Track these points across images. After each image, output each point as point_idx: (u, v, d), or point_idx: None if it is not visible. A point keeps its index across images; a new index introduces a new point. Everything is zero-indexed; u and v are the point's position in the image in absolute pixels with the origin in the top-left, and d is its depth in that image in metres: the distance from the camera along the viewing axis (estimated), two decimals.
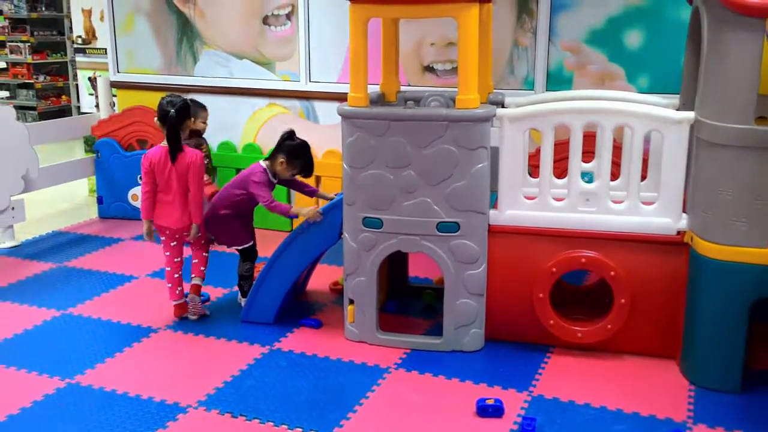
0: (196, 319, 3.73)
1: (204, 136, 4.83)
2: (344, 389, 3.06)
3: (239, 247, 3.81)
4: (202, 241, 3.79)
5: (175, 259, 3.70)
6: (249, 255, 3.83)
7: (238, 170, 5.36)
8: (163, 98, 3.60)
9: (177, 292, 3.72)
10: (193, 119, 4.00)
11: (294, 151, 3.65)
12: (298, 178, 3.80)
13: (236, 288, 3.97)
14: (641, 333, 3.26)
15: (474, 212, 3.24)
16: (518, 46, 4.55)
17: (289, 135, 3.70)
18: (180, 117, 3.55)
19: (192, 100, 4.09)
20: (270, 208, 3.59)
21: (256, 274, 3.79)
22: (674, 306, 3.17)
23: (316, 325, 3.65)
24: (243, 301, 3.81)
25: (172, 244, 3.68)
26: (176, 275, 3.71)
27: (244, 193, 3.66)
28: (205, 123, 4.70)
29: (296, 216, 3.61)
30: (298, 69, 5.12)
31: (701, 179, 3.01)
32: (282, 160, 3.63)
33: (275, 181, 3.72)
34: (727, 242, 2.92)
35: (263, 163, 3.69)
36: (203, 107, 4.69)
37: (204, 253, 3.81)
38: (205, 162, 4.10)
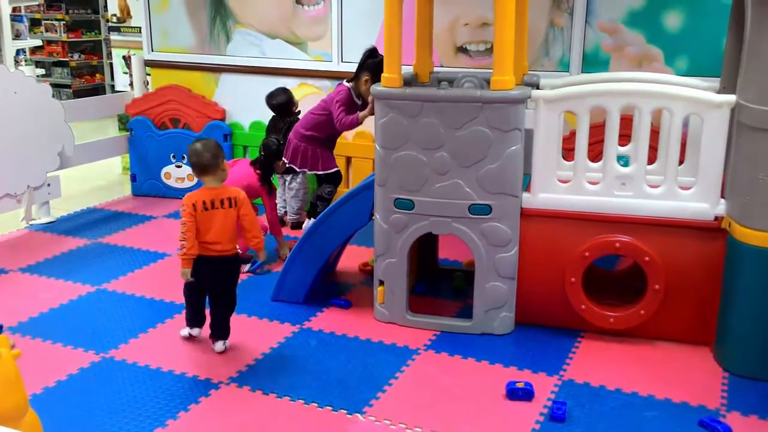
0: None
1: (236, 116, 4.92)
2: (373, 369, 3.08)
3: (323, 172, 3.87)
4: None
5: None
6: (333, 179, 3.90)
7: None
8: (269, 142, 3.93)
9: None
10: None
11: (379, 68, 3.43)
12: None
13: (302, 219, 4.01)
14: (675, 319, 3.22)
15: (507, 195, 3.21)
16: (554, 26, 4.48)
17: (371, 52, 3.60)
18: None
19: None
20: (340, 124, 3.62)
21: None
22: (709, 292, 3.12)
23: (345, 305, 3.66)
24: (308, 224, 3.89)
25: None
26: None
27: (325, 113, 3.69)
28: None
29: (361, 122, 3.83)
30: (330, 49, 5.10)
31: (741, 164, 2.95)
32: (366, 78, 3.55)
33: (360, 102, 3.70)
34: (766, 228, 2.86)
35: (347, 84, 3.66)
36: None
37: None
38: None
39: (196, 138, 3.43)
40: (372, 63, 3.58)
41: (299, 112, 4.56)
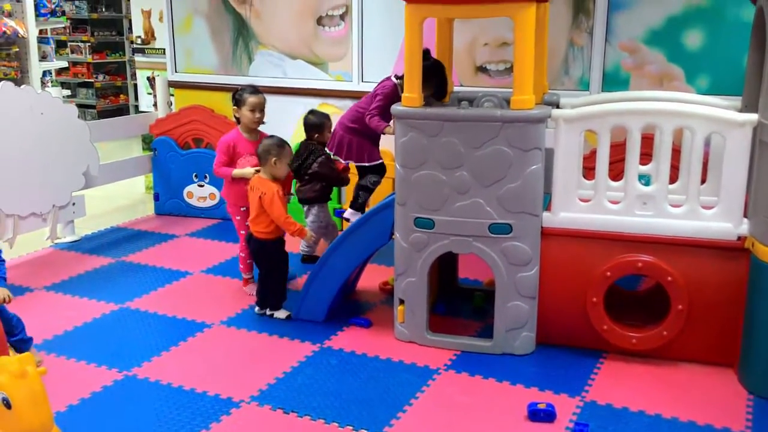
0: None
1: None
2: (394, 389, 3.07)
3: (368, 164, 3.89)
4: None
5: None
6: (378, 169, 4.01)
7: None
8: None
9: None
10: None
11: (429, 71, 3.43)
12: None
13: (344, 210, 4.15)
14: (698, 340, 3.18)
15: (527, 214, 3.21)
16: (574, 45, 4.49)
17: (423, 55, 3.55)
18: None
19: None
20: (368, 119, 3.72)
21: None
22: (733, 313, 3.09)
23: (365, 324, 3.66)
24: (353, 217, 3.97)
25: (246, 224, 3.87)
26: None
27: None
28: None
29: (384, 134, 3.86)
30: (350, 69, 5.15)
31: (764, 183, 2.92)
32: None
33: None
34: None
35: (395, 79, 3.66)
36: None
37: None
38: None
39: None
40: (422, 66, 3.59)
41: (322, 144, 4.48)
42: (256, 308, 3.82)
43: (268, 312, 3.78)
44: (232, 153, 3.98)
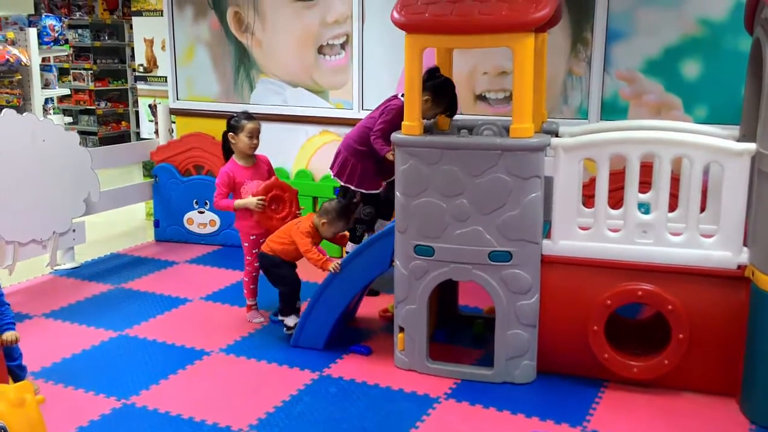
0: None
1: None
2: (394, 418, 3.05)
3: (366, 191, 3.84)
4: None
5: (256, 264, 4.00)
6: (372, 200, 3.97)
7: None
8: None
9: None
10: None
11: (440, 89, 3.39)
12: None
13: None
14: (700, 369, 3.17)
15: (527, 242, 3.21)
16: (572, 75, 4.53)
17: (431, 72, 3.44)
18: None
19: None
20: (373, 139, 3.64)
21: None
22: (734, 342, 3.08)
23: (365, 352, 3.65)
24: (350, 248, 3.90)
25: (254, 251, 3.97)
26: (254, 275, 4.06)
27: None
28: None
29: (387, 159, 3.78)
30: (351, 97, 5.19)
31: (763, 212, 2.93)
32: (427, 98, 3.45)
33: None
34: None
35: (402, 98, 3.55)
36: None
37: None
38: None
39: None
40: (432, 84, 3.48)
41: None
42: (278, 315, 3.90)
43: (279, 317, 3.86)
44: (232, 184, 3.99)
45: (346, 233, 3.89)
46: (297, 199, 4.05)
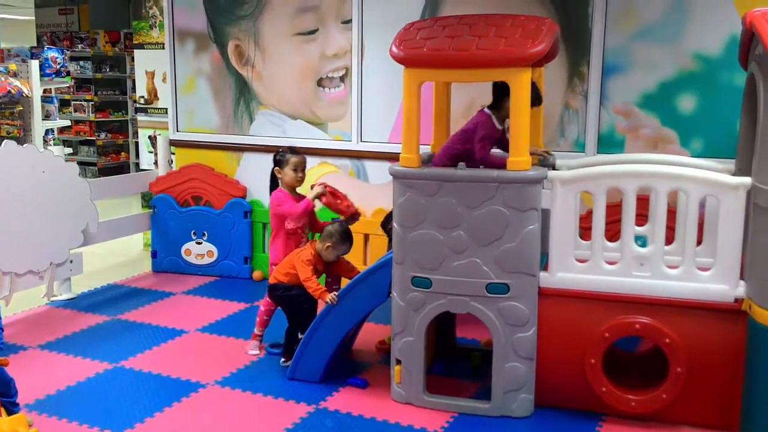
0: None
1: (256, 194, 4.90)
2: None
3: None
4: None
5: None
6: None
7: None
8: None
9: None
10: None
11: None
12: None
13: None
14: (698, 403, 3.15)
15: (524, 274, 3.21)
16: (569, 108, 4.57)
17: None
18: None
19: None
20: (484, 157, 3.35)
21: None
22: (732, 376, 3.06)
23: (362, 384, 3.62)
24: None
25: None
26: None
27: (465, 146, 3.40)
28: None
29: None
30: (350, 129, 5.23)
31: (759, 246, 2.94)
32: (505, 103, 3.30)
33: (501, 128, 3.42)
34: None
35: (488, 110, 3.43)
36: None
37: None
38: None
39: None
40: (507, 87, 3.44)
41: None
42: (281, 360, 3.87)
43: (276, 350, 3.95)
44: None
45: (356, 268, 3.89)
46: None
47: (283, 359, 3.86)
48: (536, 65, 3.50)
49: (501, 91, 3.39)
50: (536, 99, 3.41)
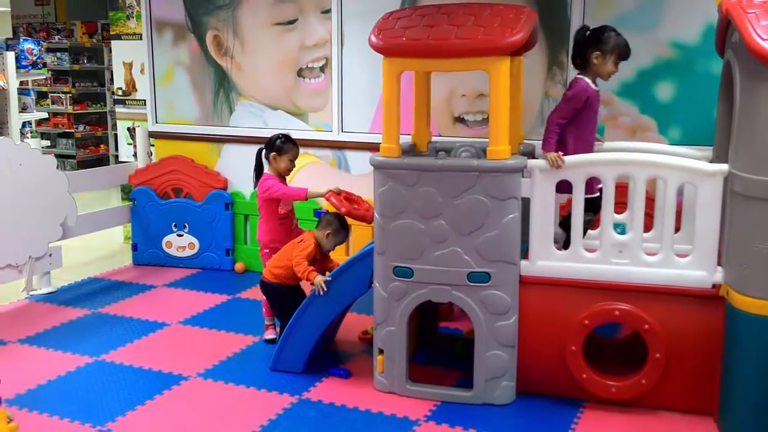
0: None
1: (237, 185, 4.89)
2: None
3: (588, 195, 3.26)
4: None
5: None
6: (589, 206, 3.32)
7: None
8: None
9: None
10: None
11: (604, 40, 3.30)
12: None
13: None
14: (677, 388, 3.19)
15: (505, 262, 3.23)
16: (549, 97, 4.59)
17: (582, 31, 3.36)
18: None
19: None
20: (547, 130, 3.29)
21: None
22: (711, 361, 3.10)
23: (345, 374, 3.63)
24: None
25: None
26: None
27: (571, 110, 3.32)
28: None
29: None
30: (330, 119, 5.21)
31: (736, 232, 2.98)
32: (597, 54, 3.33)
33: (597, 88, 3.38)
34: (764, 296, 2.87)
35: (580, 75, 3.37)
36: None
37: None
38: None
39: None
40: (588, 38, 3.31)
41: None
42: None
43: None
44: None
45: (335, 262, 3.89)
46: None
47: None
48: (515, 54, 3.50)
49: (581, 52, 3.38)
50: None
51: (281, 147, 4.02)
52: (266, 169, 4.05)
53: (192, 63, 5.64)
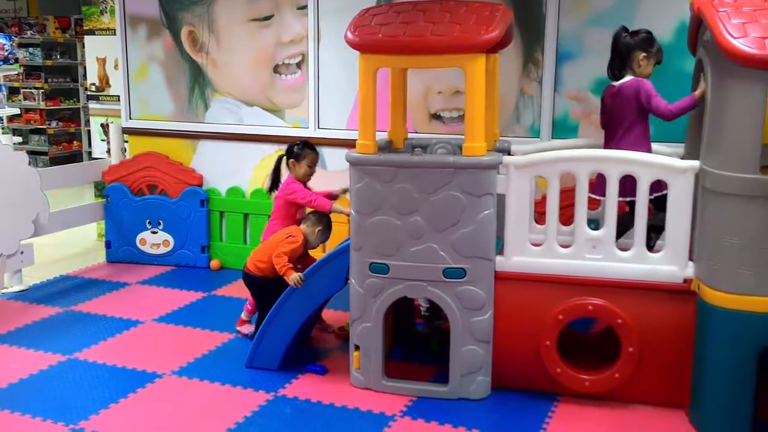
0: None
1: (213, 182, 4.88)
2: None
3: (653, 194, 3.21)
4: None
5: None
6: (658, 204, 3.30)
7: (245, 215, 5.42)
8: None
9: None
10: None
11: (649, 42, 3.39)
12: None
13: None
14: (650, 382, 3.23)
15: (480, 258, 3.25)
16: (524, 94, 4.62)
17: (624, 33, 3.41)
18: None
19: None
20: (672, 112, 3.30)
21: None
22: (682, 355, 3.15)
23: (321, 371, 3.63)
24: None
25: None
26: None
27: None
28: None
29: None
30: (307, 116, 5.20)
31: (707, 228, 3.02)
32: (643, 55, 3.40)
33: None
34: (734, 291, 2.92)
35: (630, 76, 3.41)
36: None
37: None
38: None
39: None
40: (637, 40, 3.37)
41: None
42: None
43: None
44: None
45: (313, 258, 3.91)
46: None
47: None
48: (491, 52, 3.52)
49: (621, 54, 3.43)
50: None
51: (299, 154, 4.05)
52: (287, 174, 4.11)
53: (166, 59, 5.59)
